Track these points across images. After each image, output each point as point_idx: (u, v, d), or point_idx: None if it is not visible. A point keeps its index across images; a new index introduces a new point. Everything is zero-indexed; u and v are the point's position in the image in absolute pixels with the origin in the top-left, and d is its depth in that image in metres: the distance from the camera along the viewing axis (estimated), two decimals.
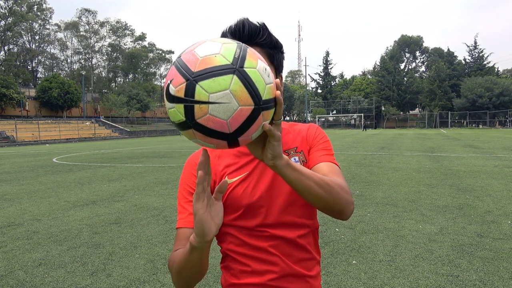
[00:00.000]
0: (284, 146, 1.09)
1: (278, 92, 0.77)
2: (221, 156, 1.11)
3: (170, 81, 0.72)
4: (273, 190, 1.04)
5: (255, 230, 1.05)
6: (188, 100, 0.69)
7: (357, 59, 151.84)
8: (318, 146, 1.11)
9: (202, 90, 0.68)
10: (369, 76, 74.37)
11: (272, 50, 1.03)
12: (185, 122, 0.72)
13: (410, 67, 76.99)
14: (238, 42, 0.78)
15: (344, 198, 0.94)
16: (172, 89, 0.71)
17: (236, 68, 0.70)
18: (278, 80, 0.80)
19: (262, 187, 1.05)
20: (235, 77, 0.69)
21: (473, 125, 55.02)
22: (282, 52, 1.08)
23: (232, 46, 0.74)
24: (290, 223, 1.06)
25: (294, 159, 1.09)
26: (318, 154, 1.09)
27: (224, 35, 1.01)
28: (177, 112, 0.72)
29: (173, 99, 0.71)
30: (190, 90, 0.69)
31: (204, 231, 0.81)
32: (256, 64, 0.74)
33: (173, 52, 77.56)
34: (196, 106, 0.69)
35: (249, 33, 0.98)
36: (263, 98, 0.73)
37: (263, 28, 1.00)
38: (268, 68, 0.77)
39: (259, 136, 0.81)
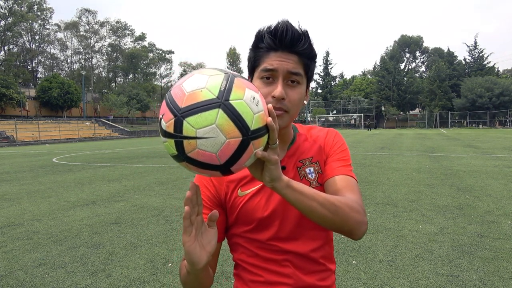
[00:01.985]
0: (300, 155, 1.07)
1: (269, 119, 0.76)
2: None
3: (162, 116, 0.75)
4: (286, 203, 1.01)
5: (266, 244, 1.03)
6: (177, 136, 0.72)
7: (357, 59, 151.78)
8: (334, 156, 1.07)
9: (189, 126, 0.70)
10: (369, 76, 74.34)
11: (309, 61, 0.99)
12: (177, 155, 0.74)
13: (410, 67, 76.99)
14: (226, 72, 0.78)
15: (354, 218, 0.90)
16: (164, 125, 0.74)
17: (222, 101, 0.71)
18: (270, 106, 0.78)
19: (275, 201, 1.02)
20: (220, 111, 0.70)
21: (473, 125, 55.00)
22: (315, 62, 1.04)
23: (218, 79, 0.74)
24: (303, 236, 1.04)
25: (309, 169, 1.06)
26: (334, 166, 1.05)
27: (261, 35, 0.97)
28: (169, 146, 0.75)
29: (165, 134, 0.74)
30: (178, 126, 0.71)
31: (194, 261, 0.82)
32: (243, 94, 0.74)
33: (173, 52, 77.67)
34: (185, 141, 0.71)
35: (291, 40, 0.94)
36: (252, 128, 0.73)
37: (305, 35, 0.96)
38: (258, 96, 0.77)
39: (256, 160, 0.81)
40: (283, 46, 0.95)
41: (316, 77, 72.25)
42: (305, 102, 1.04)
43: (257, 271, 1.05)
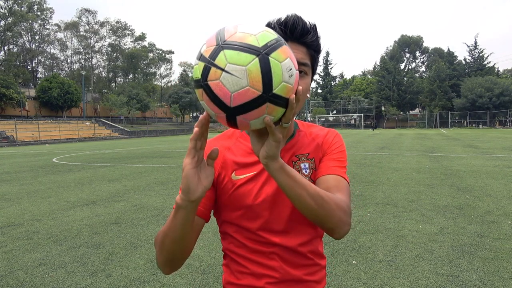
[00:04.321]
0: (297, 150, 1.07)
1: (293, 96, 0.77)
2: (231, 149, 1.08)
3: (206, 42, 0.78)
4: (278, 194, 1.01)
5: (255, 234, 1.03)
6: (209, 61, 0.74)
7: (357, 59, 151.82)
8: (331, 156, 1.08)
9: (223, 57, 0.73)
10: (369, 76, 74.40)
11: (316, 53, 1.03)
12: (199, 80, 0.76)
13: (410, 67, 77.02)
14: (280, 37, 0.79)
15: (338, 217, 0.90)
16: (203, 48, 0.77)
17: (262, 53, 0.73)
18: (300, 87, 0.79)
19: (268, 190, 1.02)
20: (256, 59, 0.72)
21: (473, 125, 55.00)
22: (319, 55, 1.07)
23: (270, 35, 0.77)
24: (292, 229, 1.04)
25: (304, 165, 1.06)
26: (329, 164, 1.05)
27: (271, 26, 0.99)
28: (197, 69, 0.77)
29: (200, 56, 0.77)
30: (215, 53, 0.74)
31: (190, 188, 0.81)
32: (284, 59, 0.76)
33: (173, 52, 77.70)
34: (213, 69, 0.73)
35: (302, 31, 0.98)
36: (274, 91, 0.74)
37: (313, 29, 1.00)
38: (294, 71, 0.78)
39: (262, 131, 0.82)
40: (294, 37, 0.98)
41: (316, 77, 71.97)
42: (308, 95, 1.06)
43: (244, 262, 1.05)
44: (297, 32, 0.97)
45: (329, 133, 1.14)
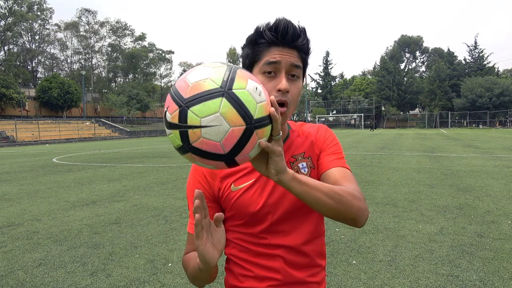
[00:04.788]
0: (293, 151, 1.09)
1: (272, 109, 0.77)
2: None
3: (167, 109, 0.76)
4: (278, 197, 1.03)
5: (259, 237, 1.04)
6: (182, 126, 0.73)
7: (357, 59, 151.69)
8: (328, 150, 1.10)
9: (193, 115, 0.71)
10: (369, 76, 74.33)
11: (306, 56, 1.04)
12: (182, 146, 0.75)
13: (410, 67, 76.96)
14: (229, 64, 0.79)
15: (356, 206, 0.92)
16: (168, 116, 0.75)
17: (225, 90, 0.72)
18: (272, 97, 0.80)
19: (268, 195, 1.03)
20: (224, 99, 0.72)
21: (473, 125, 54.96)
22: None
23: (221, 70, 0.76)
24: (296, 229, 1.05)
25: (302, 165, 1.07)
26: (329, 159, 1.07)
27: (261, 31, 0.99)
28: (174, 137, 0.75)
29: (170, 125, 0.75)
30: (183, 116, 0.72)
31: (207, 261, 0.85)
32: (246, 84, 0.75)
33: (173, 52, 77.60)
34: (190, 131, 0.72)
35: (293, 36, 0.98)
36: (255, 117, 0.74)
37: (303, 32, 1.01)
38: (260, 87, 0.78)
39: (262, 153, 0.82)
40: (285, 42, 0.98)
41: (316, 77, 72.37)
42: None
43: (247, 265, 1.06)
44: (288, 37, 0.97)
45: (320, 130, 1.16)
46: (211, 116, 0.71)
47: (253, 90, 0.75)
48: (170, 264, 3.73)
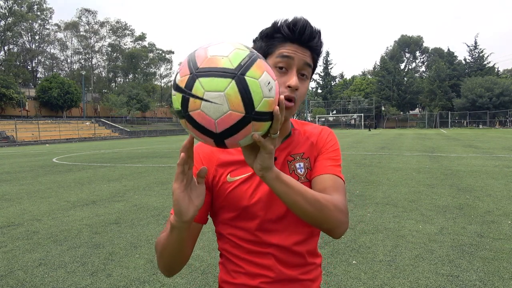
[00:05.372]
0: (292, 150, 1.08)
1: (277, 108, 0.77)
2: (225, 150, 1.07)
3: (179, 71, 0.77)
4: (272, 195, 1.01)
5: (251, 234, 1.04)
6: (186, 92, 0.73)
7: (357, 59, 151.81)
8: (326, 155, 1.08)
9: (200, 85, 0.72)
10: (369, 76, 74.34)
11: (317, 56, 1.05)
12: (180, 111, 0.76)
13: (410, 67, 76.95)
14: (253, 51, 0.78)
15: (336, 218, 0.92)
16: (178, 78, 0.76)
17: (237, 74, 0.72)
18: (282, 97, 0.79)
19: (262, 191, 1.02)
20: (233, 82, 0.71)
21: (473, 125, 54.95)
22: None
23: (242, 53, 0.76)
24: (287, 229, 1.04)
25: (299, 165, 1.06)
26: (325, 164, 1.06)
27: (279, 26, 0.99)
28: (176, 100, 0.76)
29: (176, 87, 0.76)
30: (190, 83, 0.73)
31: (181, 211, 0.83)
32: (260, 75, 0.75)
33: (173, 52, 77.61)
34: (191, 99, 0.73)
35: (309, 36, 0.99)
36: (257, 109, 0.74)
37: (319, 35, 1.01)
38: (273, 84, 0.78)
39: (253, 145, 0.82)
40: (301, 40, 0.99)
41: (316, 77, 72.36)
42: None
43: (239, 262, 1.06)
44: (305, 36, 0.98)
45: (323, 132, 1.14)
46: (215, 93, 0.71)
47: (265, 83, 0.75)
48: None
